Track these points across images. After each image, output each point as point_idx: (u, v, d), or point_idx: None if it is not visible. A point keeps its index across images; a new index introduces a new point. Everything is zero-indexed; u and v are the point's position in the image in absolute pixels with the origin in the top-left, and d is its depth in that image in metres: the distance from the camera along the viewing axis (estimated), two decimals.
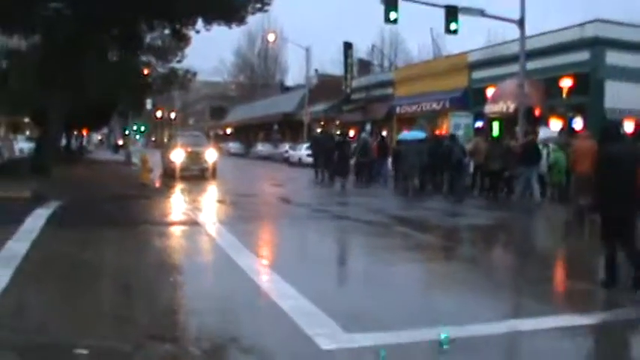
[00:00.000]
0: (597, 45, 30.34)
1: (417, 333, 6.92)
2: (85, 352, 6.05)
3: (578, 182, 16.54)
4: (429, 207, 21.04)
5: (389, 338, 6.66)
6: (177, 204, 20.34)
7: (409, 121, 43.55)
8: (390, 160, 31.09)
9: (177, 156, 30.13)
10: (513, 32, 30.34)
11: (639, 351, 7.45)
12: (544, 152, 22.74)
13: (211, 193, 24.81)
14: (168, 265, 10.50)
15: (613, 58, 30.18)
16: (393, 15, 26.34)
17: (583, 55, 30.77)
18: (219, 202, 21.80)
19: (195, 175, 30.31)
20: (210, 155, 31.23)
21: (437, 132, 37.98)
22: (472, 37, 54.56)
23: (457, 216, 19.20)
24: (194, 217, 16.60)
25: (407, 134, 30.94)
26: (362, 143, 31.90)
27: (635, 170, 9.06)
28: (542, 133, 26.43)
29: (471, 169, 25.65)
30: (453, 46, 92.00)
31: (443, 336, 6.51)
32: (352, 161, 31.77)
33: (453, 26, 27.02)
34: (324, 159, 31.97)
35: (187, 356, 6.21)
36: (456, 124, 35.17)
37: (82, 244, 11.88)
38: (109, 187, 23.63)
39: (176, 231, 14.36)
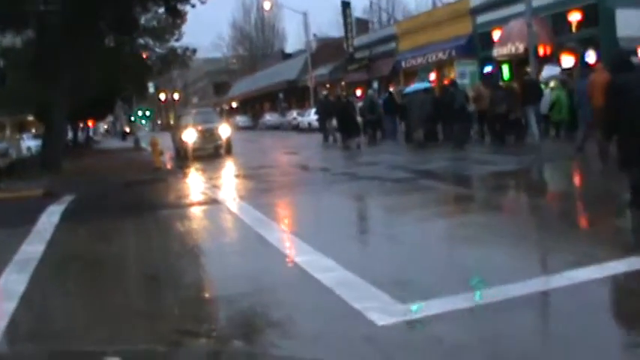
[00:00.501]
0: None
1: (473, 295, 6.25)
2: (116, 359, 5.47)
3: (596, 116, 16.07)
4: (450, 157, 20.43)
5: (445, 305, 6.01)
6: (193, 184, 19.71)
7: (416, 74, 42.94)
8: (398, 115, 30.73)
9: (189, 135, 29.00)
10: None
11: None
12: (546, 91, 22.52)
13: (227, 169, 24.16)
14: (193, 249, 9.90)
15: None
16: None
17: None
18: (237, 176, 21.14)
19: (209, 154, 29.59)
20: (224, 131, 30.12)
21: (445, 81, 37.44)
22: None
23: (478, 164, 18.60)
24: (213, 195, 15.89)
25: (411, 87, 30.64)
26: (369, 101, 31.59)
27: None
28: (546, 71, 25.87)
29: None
30: None
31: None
32: (360, 119, 31.40)
33: None
34: (339, 121, 31.54)
35: (228, 349, 5.57)
36: (461, 73, 34.61)
37: (100, 237, 11.34)
38: (122, 174, 22.96)
39: (197, 212, 13.67)
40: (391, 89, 39.74)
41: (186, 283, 7.88)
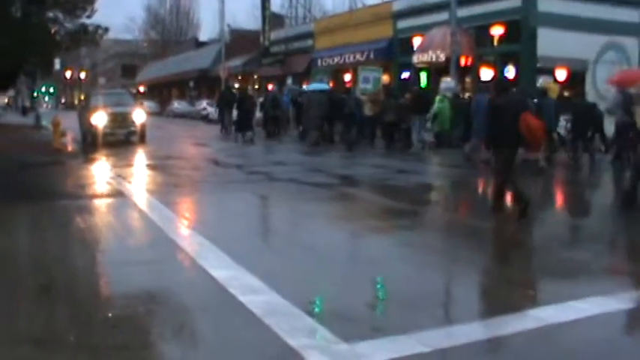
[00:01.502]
0: None
1: (434, 335, 5.37)
2: None
3: None
4: (365, 163, 20.09)
5: (402, 347, 5.10)
6: (97, 171, 18.20)
7: (333, 74, 42.58)
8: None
9: (100, 119, 25.92)
10: None
11: None
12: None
13: (133, 157, 22.43)
14: (95, 253, 8.59)
15: (545, 4, 29.25)
16: None
17: (514, 2, 29.75)
18: (144, 167, 19.71)
19: (119, 140, 26.94)
20: (139, 116, 27.37)
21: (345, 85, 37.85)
22: None
23: (404, 173, 18.06)
24: (119, 186, 14.47)
25: (311, 85, 32.39)
26: (272, 97, 32.25)
27: (519, 117, 10.54)
28: (444, 85, 26.14)
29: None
30: None
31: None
32: (260, 115, 32.31)
33: None
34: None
35: None
36: (364, 77, 34.23)
37: None
38: (18, 154, 21.23)
39: (100, 205, 12.26)
40: (304, 87, 39.08)
41: (84, 299, 6.53)
